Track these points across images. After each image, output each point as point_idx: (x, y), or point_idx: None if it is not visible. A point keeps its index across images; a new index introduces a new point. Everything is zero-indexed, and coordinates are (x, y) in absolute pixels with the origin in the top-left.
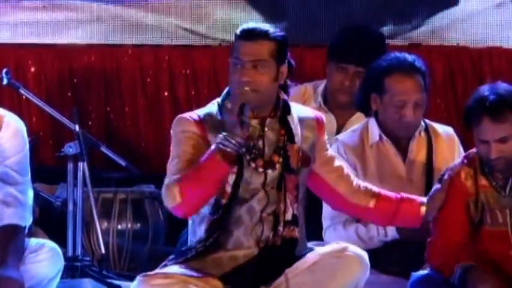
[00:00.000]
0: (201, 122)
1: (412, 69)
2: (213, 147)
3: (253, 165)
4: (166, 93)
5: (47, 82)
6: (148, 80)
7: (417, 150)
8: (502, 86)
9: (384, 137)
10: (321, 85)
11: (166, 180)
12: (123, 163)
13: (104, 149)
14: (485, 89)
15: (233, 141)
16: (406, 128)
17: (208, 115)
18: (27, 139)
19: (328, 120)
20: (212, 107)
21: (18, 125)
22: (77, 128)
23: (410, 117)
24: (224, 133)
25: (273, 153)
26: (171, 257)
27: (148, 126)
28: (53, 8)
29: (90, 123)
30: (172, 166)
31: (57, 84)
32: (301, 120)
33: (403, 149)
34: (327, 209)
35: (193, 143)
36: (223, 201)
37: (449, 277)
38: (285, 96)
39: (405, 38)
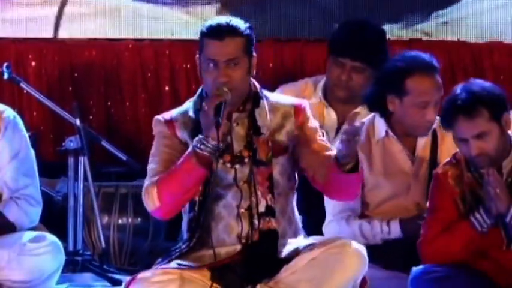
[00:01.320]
0: (171, 121)
1: (432, 68)
2: (189, 150)
3: (221, 160)
4: (167, 88)
5: (47, 77)
6: (149, 74)
7: (425, 146)
8: (476, 83)
9: (390, 133)
10: (322, 80)
11: (146, 183)
12: (123, 157)
13: (104, 144)
14: (458, 88)
15: (209, 145)
16: (427, 128)
17: (181, 114)
18: (26, 137)
19: (329, 115)
20: (188, 104)
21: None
22: (77, 122)
23: (433, 117)
24: (200, 136)
25: (243, 148)
26: (159, 260)
27: (149, 121)
28: (53, 3)
29: (90, 117)
30: (150, 168)
31: (58, 78)
32: (276, 109)
33: (409, 145)
34: (329, 204)
35: (167, 143)
36: (197, 198)
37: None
38: (258, 88)
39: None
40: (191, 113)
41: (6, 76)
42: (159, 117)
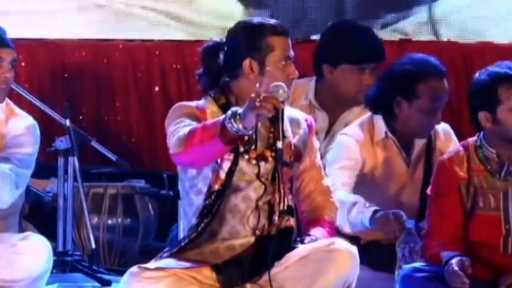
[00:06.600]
0: (203, 108)
1: (443, 73)
2: (222, 118)
3: (246, 156)
4: (157, 88)
5: (38, 77)
6: (140, 75)
7: (421, 148)
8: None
9: (390, 135)
10: (310, 82)
11: (180, 132)
12: (113, 158)
13: (94, 144)
14: (498, 67)
15: (240, 127)
16: (430, 131)
17: (208, 104)
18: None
19: (320, 117)
20: (206, 102)
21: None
22: (67, 122)
23: (439, 121)
24: (238, 110)
25: (264, 149)
26: (166, 249)
27: (140, 121)
28: None
29: (81, 118)
30: (181, 124)
31: (49, 79)
32: (292, 119)
33: (406, 146)
34: (331, 156)
35: (196, 122)
36: (216, 187)
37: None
38: None
39: (395, 30)
40: (215, 106)
41: None
42: (185, 102)
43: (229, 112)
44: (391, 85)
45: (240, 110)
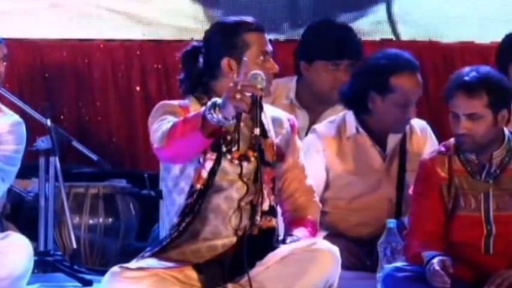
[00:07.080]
0: (186, 106)
1: (416, 67)
2: (203, 110)
3: (228, 156)
4: (137, 88)
5: (18, 76)
6: (120, 75)
7: (396, 143)
8: (484, 67)
9: (361, 130)
10: (291, 81)
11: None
12: (94, 158)
13: (75, 144)
14: (467, 68)
15: (220, 117)
16: (405, 125)
17: (191, 102)
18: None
19: (301, 115)
20: (189, 101)
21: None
22: (48, 122)
23: (414, 115)
24: (218, 101)
25: (247, 149)
26: (148, 248)
27: (120, 121)
28: None
29: (62, 117)
30: (163, 123)
31: (29, 79)
32: (274, 119)
33: (379, 141)
34: None
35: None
36: (198, 186)
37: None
38: None
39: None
40: (198, 105)
41: None
42: (168, 101)
43: (209, 103)
44: (364, 80)
45: (219, 100)
